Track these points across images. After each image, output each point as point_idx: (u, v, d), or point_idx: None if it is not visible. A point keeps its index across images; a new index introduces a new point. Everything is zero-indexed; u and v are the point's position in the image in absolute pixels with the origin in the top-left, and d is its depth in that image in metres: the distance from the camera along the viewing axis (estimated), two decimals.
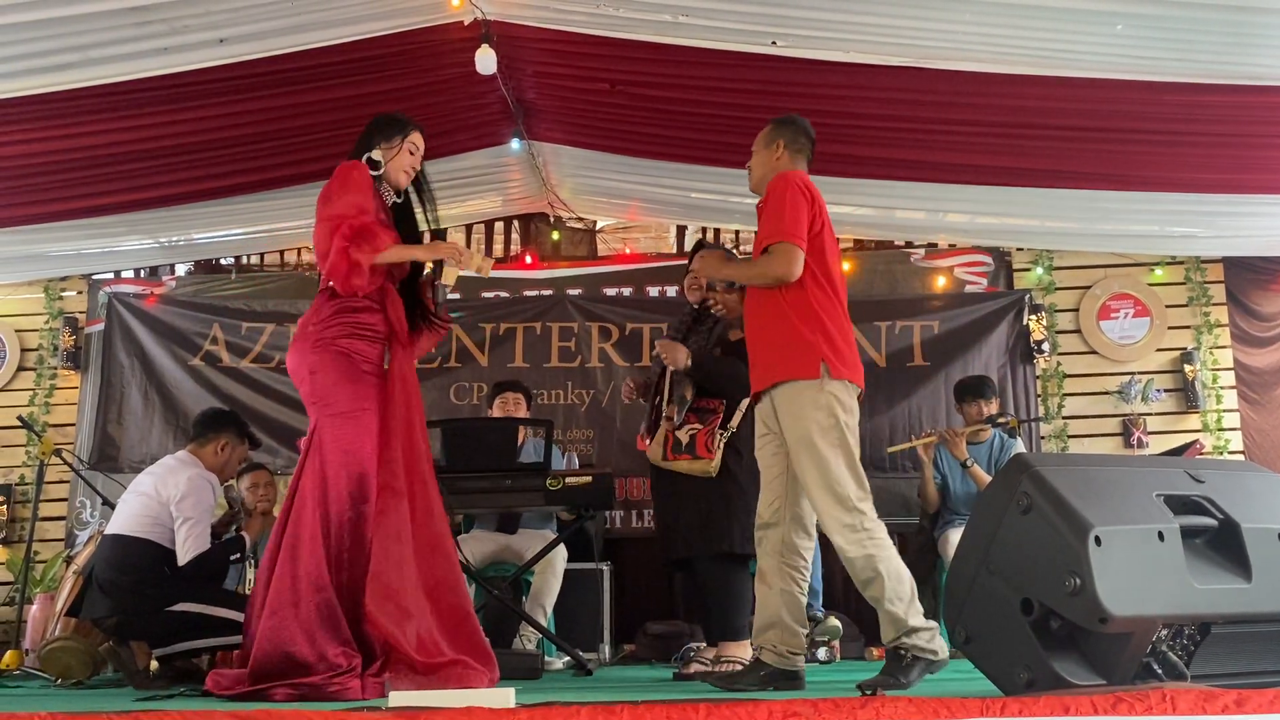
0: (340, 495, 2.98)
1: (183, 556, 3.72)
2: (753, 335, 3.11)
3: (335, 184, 3.10)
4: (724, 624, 3.70)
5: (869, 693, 2.37)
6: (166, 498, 3.79)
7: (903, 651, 2.78)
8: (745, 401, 3.55)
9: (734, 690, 2.92)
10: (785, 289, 2.97)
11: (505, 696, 2.05)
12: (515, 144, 5.55)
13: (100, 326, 6.35)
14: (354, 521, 2.99)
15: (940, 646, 2.81)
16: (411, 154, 3.26)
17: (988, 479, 4.59)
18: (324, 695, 2.75)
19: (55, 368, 6.35)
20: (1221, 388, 5.94)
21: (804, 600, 3.03)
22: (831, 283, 3.03)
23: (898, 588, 2.79)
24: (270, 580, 2.96)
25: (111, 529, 3.86)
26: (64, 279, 6.51)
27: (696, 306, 3.93)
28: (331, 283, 3.05)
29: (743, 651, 3.52)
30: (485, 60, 4.36)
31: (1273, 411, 5.90)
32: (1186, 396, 5.91)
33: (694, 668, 3.72)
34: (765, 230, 3.03)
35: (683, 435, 3.70)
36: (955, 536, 4.81)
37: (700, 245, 4.01)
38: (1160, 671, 2.05)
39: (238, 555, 3.99)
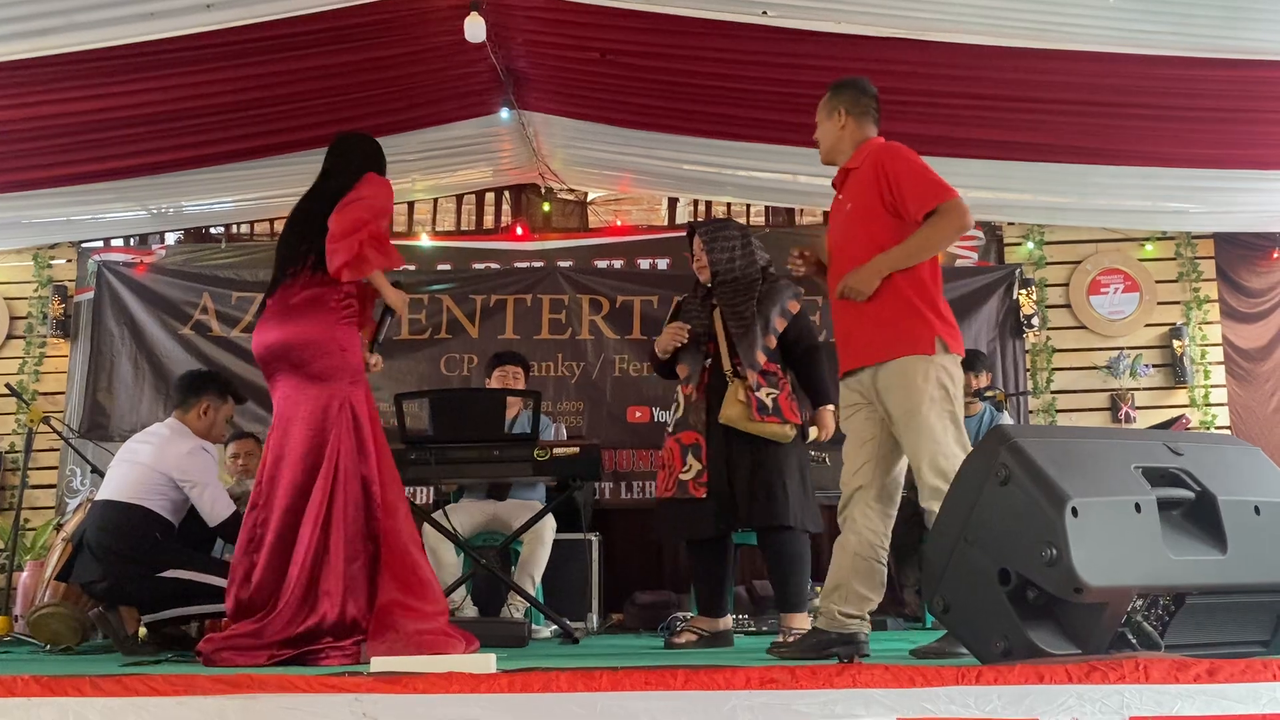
0: (375, 464, 3.16)
1: (213, 519, 3.77)
2: (857, 310, 3.02)
3: (372, 192, 3.23)
4: (798, 595, 3.62)
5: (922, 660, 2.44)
6: (165, 469, 3.78)
7: None
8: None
9: (795, 659, 2.90)
10: None
11: (486, 662, 2.08)
12: (505, 113, 5.50)
13: (90, 295, 6.32)
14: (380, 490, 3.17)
15: None
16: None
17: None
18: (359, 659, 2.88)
19: (45, 336, 6.34)
20: (1209, 363, 5.97)
21: (879, 570, 2.97)
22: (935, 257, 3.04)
23: None
24: (290, 542, 3.03)
25: (103, 495, 3.86)
26: (53, 247, 6.48)
27: (709, 286, 3.86)
28: (330, 260, 3.13)
29: (805, 622, 3.56)
30: (474, 28, 4.32)
31: (1259, 387, 5.92)
32: (1175, 372, 5.93)
33: (685, 636, 3.75)
34: (917, 198, 2.93)
35: (765, 397, 3.56)
36: None
37: (693, 228, 3.96)
38: (1135, 641, 2.06)
39: None
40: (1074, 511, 1.98)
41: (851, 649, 2.89)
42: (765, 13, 4.16)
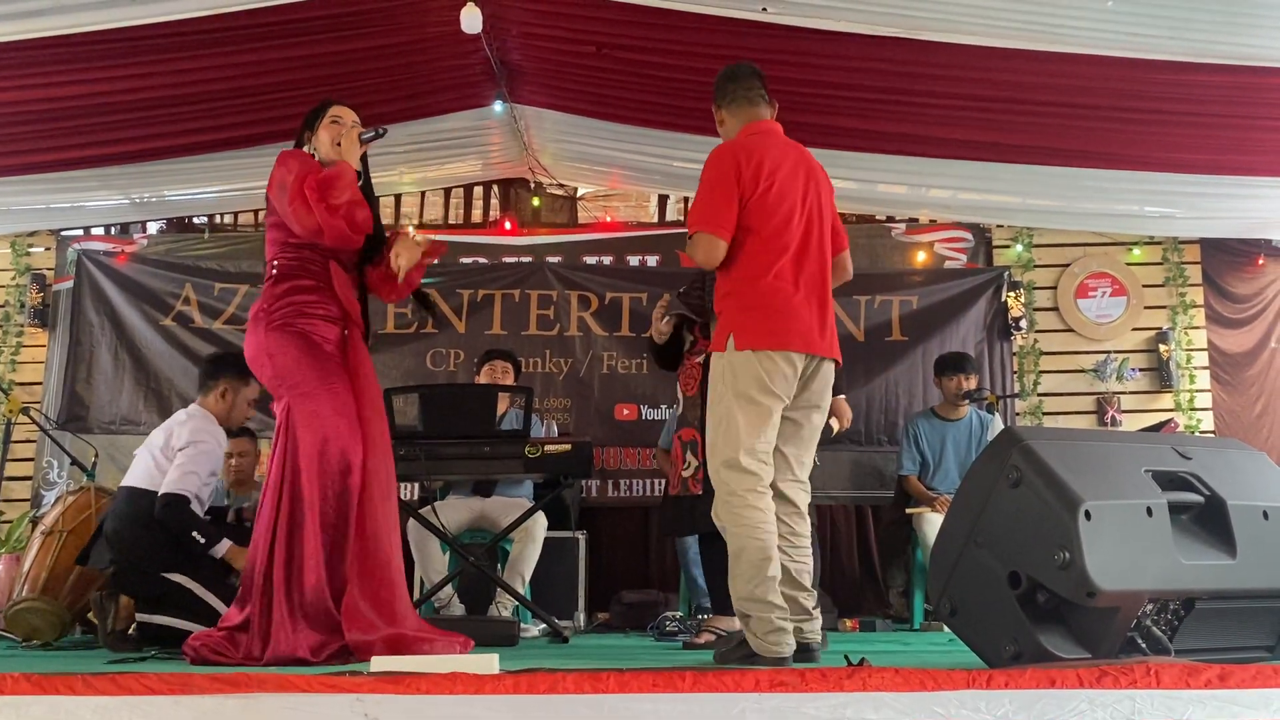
0: (326, 475, 2.95)
1: (164, 487, 3.54)
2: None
3: (281, 170, 3.11)
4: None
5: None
6: (173, 449, 3.68)
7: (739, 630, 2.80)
8: None
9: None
10: (721, 265, 2.97)
11: (489, 662, 2.03)
12: (498, 106, 5.44)
13: (69, 284, 6.21)
14: (340, 499, 2.97)
15: (771, 649, 2.70)
16: (335, 123, 3.21)
17: None
18: None
19: (22, 325, 6.22)
20: (1195, 368, 6.00)
21: (804, 565, 2.95)
22: (775, 245, 2.92)
23: (747, 570, 2.75)
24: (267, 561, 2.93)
25: (125, 482, 3.79)
26: (31, 234, 6.36)
27: None
28: (328, 239, 3.05)
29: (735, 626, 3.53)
30: (470, 19, 4.26)
31: (1244, 392, 5.96)
32: (1160, 376, 5.96)
33: (704, 637, 3.69)
34: (691, 215, 3.01)
35: None
36: (935, 515, 4.84)
37: None
38: (1144, 646, 2.06)
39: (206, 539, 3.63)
40: (1087, 515, 1.97)
41: (806, 656, 2.83)
42: (765, 9, 4.13)
